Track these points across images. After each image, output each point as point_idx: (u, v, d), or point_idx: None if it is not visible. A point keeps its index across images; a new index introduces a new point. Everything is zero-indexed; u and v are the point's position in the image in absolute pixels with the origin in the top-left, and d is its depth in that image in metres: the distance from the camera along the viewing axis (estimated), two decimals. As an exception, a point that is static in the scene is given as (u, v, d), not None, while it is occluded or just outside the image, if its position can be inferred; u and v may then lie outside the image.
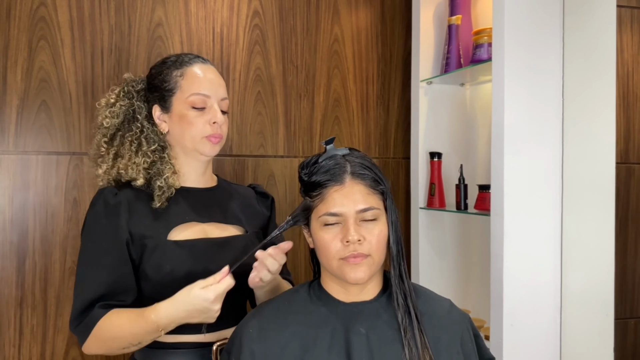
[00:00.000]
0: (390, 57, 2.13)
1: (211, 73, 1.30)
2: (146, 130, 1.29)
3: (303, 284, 1.13)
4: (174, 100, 1.27)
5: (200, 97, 1.26)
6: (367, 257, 1.01)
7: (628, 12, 2.16)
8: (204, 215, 1.29)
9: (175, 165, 1.30)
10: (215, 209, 1.33)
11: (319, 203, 1.03)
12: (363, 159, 1.06)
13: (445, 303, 1.11)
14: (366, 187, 1.03)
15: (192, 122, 1.26)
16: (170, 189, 1.26)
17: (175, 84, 1.27)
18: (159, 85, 1.29)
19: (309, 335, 1.02)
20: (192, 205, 1.29)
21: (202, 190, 1.33)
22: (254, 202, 1.43)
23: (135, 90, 1.33)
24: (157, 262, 1.21)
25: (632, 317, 2.19)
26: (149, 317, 1.14)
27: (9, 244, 1.74)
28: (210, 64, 1.32)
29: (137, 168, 1.26)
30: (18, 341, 1.74)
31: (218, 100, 1.28)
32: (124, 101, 1.31)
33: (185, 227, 1.26)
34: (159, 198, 1.24)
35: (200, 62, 1.31)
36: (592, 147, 1.62)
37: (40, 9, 1.76)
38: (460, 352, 1.05)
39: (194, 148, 1.27)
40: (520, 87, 1.58)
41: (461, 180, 1.88)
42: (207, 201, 1.32)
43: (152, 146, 1.28)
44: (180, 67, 1.28)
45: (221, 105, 1.29)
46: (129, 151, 1.27)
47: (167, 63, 1.30)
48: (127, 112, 1.30)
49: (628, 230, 2.17)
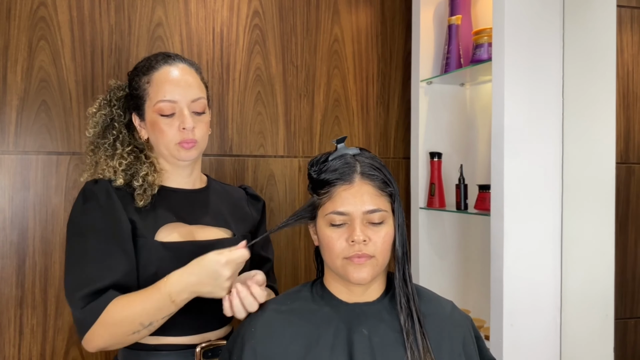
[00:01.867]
0: (390, 57, 2.13)
1: (178, 75, 1.24)
2: (122, 136, 1.29)
3: (305, 283, 1.13)
4: (145, 107, 1.25)
5: (166, 104, 1.22)
6: (371, 258, 1.01)
7: (628, 12, 2.16)
8: (190, 217, 1.28)
9: (158, 165, 1.29)
10: (202, 210, 1.31)
11: (326, 201, 1.03)
12: (373, 159, 1.06)
13: (447, 305, 1.11)
14: (375, 188, 1.02)
15: (162, 129, 1.23)
16: (152, 187, 1.25)
17: (144, 92, 1.25)
18: (132, 93, 1.28)
19: (311, 334, 1.02)
20: (178, 207, 1.28)
21: (189, 192, 1.31)
22: (243, 204, 1.40)
23: (116, 97, 1.32)
24: (143, 262, 1.20)
25: (632, 317, 2.19)
26: (161, 287, 1.11)
27: (9, 243, 1.74)
28: (180, 62, 1.26)
29: (113, 170, 1.25)
30: (18, 341, 1.74)
31: (188, 103, 1.23)
32: (105, 109, 1.30)
33: (172, 229, 1.25)
34: (140, 197, 1.23)
35: (165, 64, 1.25)
36: (592, 147, 1.62)
37: (40, 9, 1.76)
38: (462, 354, 1.05)
39: (170, 154, 1.26)
40: (520, 87, 1.58)
41: (461, 180, 1.88)
42: (194, 203, 1.31)
43: (126, 148, 1.27)
44: (147, 73, 1.25)
45: (193, 107, 1.23)
46: (104, 156, 1.27)
47: (137, 68, 1.28)
48: (105, 121, 1.30)
49: (628, 230, 2.17)
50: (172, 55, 1.28)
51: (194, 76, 1.27)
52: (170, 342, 1.22)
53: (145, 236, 1.21)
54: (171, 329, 1.20)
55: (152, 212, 1.24)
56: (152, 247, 1.21)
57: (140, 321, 1.11)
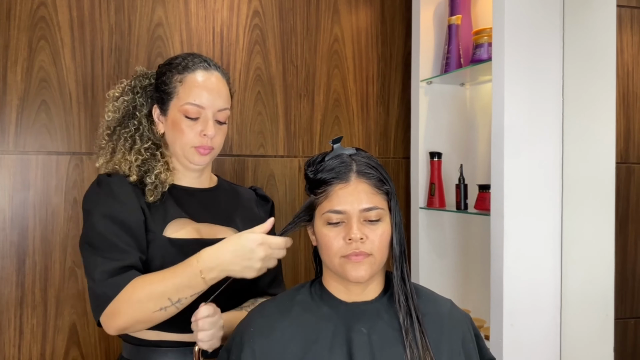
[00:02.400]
0: (390, 57, 2.13)
1: (212, 82, 1.26)
2: (142, 128, 1.29)
3: (304, 283, 1.13)
4: (171, 105, 1.26)
5: (194, 107, 1.23)
6: (369, 256, 1.01)
7: (628, 12, 2.16)
8: (199, 215, 1.29)
9: (171, 163, 1.30)
10: (211, 209, 1.32)
11: (323, 200, 1.03)
12: (369, 158, 1.07)
13: (446, 303, 1.11)
14: (371, 186, 1.03)
15: (183, 130, 1.24)
16: (163, 184, 1.25)
17: (174, 89, 1.25)
18: (160, 86, 1.28)
19: (310, 334, 1.02)
20: (187, 204, 1.29)
21: (199, 190, 1.32)
22: (252, 205, 1.41)
23: (141, 85, 1.32)
24: (150, 256, 1.20)
25: (632, 317, 2.19)
26: (192, 263, 1.10)
27: (9, 243, 1.74)
28: (215, 70, 1.28)
29: (129, 165, 1.26)
30: (18, 341, 1.74)
31: (214, 111, 1.25)
32: (128, 96, 1.30)
33: (181, 225, 1.25)
34: (151, 192, 1.24)
35: (202, 68, 1.26)
36: (592, 147, 1.62)
37: (40, 9, 1.76)
38: (462, 353, 1.05)
39: (184, 155, 1.27)
40: (520, 87, 1.58)
41: (461, 180, 1.88)
42: (204, 201, 1.32)
43: (145, 144, 1.28)
44: (181, 72, 1.26)
45: (217, 116, 1.25)
46: (123, 147, 1.28)
47: (172, 64, 1.29)
48: (127, 108, 1.30)
49: (628, 230, 2.17)
50: (210, 62, 1.29)
51: (225, 86, 1.28)
52: (171, 339, 1.22)
53: (154, 231, 1.22)
54: (172, 326, 1.20)
55: (162, 208, 1.25)
56: (160, 242, 1.21)
57: (168, 296, 1.09)
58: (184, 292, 1.10)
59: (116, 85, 1.32)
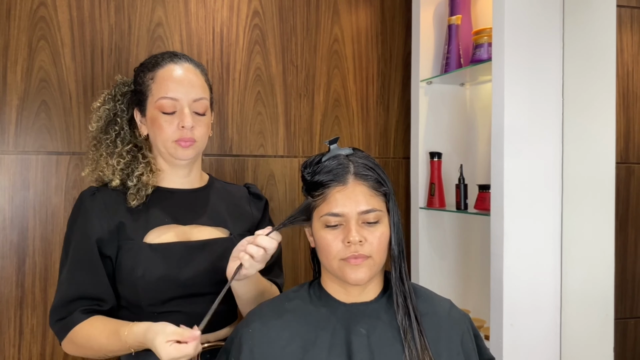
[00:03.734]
0: (390, 57, 2.13)
1: (182, 74, 1.24)
2: (123, 133, 1.30)
3: (303, 284, 1.13)
4: (147, 104, 1.26)
5: (168, 101, 1.22)
6: (367, 258, 1.01)
7: (628, 12, 2.16)
8: (186, 217, 1.28)
9: (156, 165, 1.30)
10: (199, 210, 1.30)
11: (321, 203, 1.03)
12: (367, 159, 1.06)
13: (445, 303, 1.11)
14: (369, 188, 1.03)
15: (162, 126, 1.23)
16: (146, 187, 1.25)
17: (147, 88, 1.25)
18: (136, 88, 1.29)
19: (309, 335, 1.02)
20: (173, 207, 1.28)
21: (186, 192, 1.31)
22: (243, 203, 1.40)
23: (121, 92, 1.33)
24: (130, 264, 1.21)
25: (632, 317, 2.19)
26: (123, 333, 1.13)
27: (9, 243, 1.74)
28: (185, 62, 1.27)
29: (112, 169, 1.26)
30: (18, 341, 1.74)
31: (189, 102, 1.23)
32: (109, 104, 1.32)
33: (164, 230, 1.25)
34: (133, 196, 1.24)
35: (171, 62, 1.25)
36: (592, 147, 1.62)
37: (40, 9, 1.76)
38: (461, 352, 1.05)
39: (167, 152, 1.26)
40: (520, 87, 1.58)
41: (461, 180, 1.88)
42: (191, 203, 1.30)
43: (126, 146, 1.28)
44: (152, 70, 1.26)
45: (194, 107, 1.24)
46: (105, 153, 1.29)
47: (143, 65, 1.30)
48: (108, 116, 1.31)
49: (628, 230, 2.17)
50: (179, 55, 1.28)
51: (198, 76, 1.27)
52: None
53: (133, 238, 1.22)
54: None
55: (145, 214, 1.25)
56: (139, 249, 1.21)
57: (103, 352, 1.17)
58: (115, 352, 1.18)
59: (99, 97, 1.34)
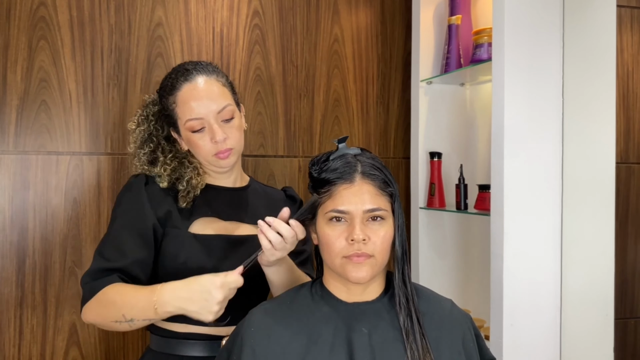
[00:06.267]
0: (390, 57, 2.13)
1: (199, 90, 1.26)
2: (162, 146, 1.33)
3: (305, 282, 1.13)
4: (179, 126, 1.30)
5: (194, 122, 1.26)
6: (370, 257, 1.01)
7: (628, 12, 2.16)
8: (227, 213, 1.33)
9: (202, 168, 1.35)
10: (239, 208, 1.35)
11: (326, 200, 1.03)
12: (374, 159, 1.07)
13: (446, 303, 1.11)
14: (375, 187, 1.03)
15: (197, 144, 1.28)
16: (195, 189, 1.30)
17: (173, 112, 1.29)
18: (164, 112, 1.33)
19: (311, 334, 1.02)
20: (217, 203, 1.33)
21: (229, 190, 1.37)
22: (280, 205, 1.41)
23: (152, 112, 1.36)
24: (174, 251, 1.25)
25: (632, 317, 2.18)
26: (153, 291, 1.14)
27: (9, 244, 1.74)
28: (198, 75, 1.28)
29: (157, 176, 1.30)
30: (18, 341, 1.74)
31: (214, 115, 1.26)
32: (143, 125, 1.35)
33: (207, 222, 1.29)
34: (184, 199, 1.28)
35: (186, 82, 1.27)
36: (592, 147, 1.62)
37: (40, 9, 1.76)
38: (462, 352, 1.05)
39: (210, 164, 1.31)
40: (520, 87, 1.58)
41: (461, 180, 1.88)
42: (233, 200, 1.36)
43: (168, 155, 1.32)
44: (172, 94, 1.28)
45: (220, 117, 1.27)
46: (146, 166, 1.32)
47: (162, 88, 1.32)
48: (143, 137, 1.34)
49: (628, 230, 2.17)
50: (190, 69, 1.29)
51: (214, 85, 1.28)
52: (199, 331, 1.25)
53: (179, 227, 1.27)
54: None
55: (191, 206, 1.29)
56: (184, 238, 1.26)
57: (123, 312, 1.15)
58: (138, 315, 1.15)
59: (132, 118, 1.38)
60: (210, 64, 1.33)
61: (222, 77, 1.32)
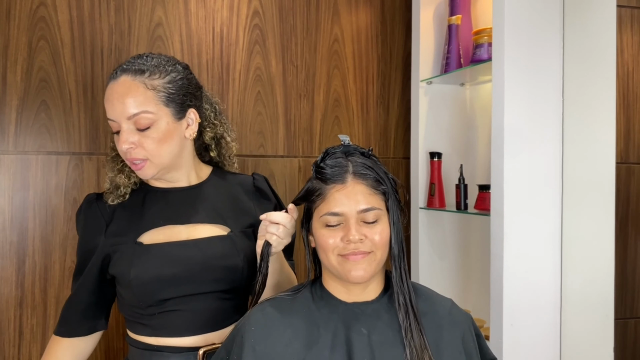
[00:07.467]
0: (390, 57, 2.13)
1: (115, 91, 1.15)
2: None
3: (305, 282, 1.13)
4: None
5: (111, 122, 1.17)
6: (368, 254, 1.01)
7: (628, 12, 2.16)
8: (182, 217, 1.25)
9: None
10: (195, 208, 1.26)
11: (320, 203, 1.03)
12: (365, 158, 1.07)
13: (446, 303, 1.11)
14: (368, 187, 1.03)
15: (117, 146, 1.19)
16: (119, 188, 1.25)
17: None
18: None
19: (311, 334, 1.02)
20: (169, 208, 1.25)
21: (181, 190, 1.27)
22: (243, 197, 1.34)
23: None
24: (122, 268, 1.20)
25: (632, 317, 2.18)
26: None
27: (9, 244, 1.74)
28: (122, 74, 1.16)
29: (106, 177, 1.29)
30: (18, 341, 1.74)
31: (124, 120, 1.14)
32: None
33: (159, 231, 1.23)
34: (108, 195, 1.26)
35: (111, 80, 1.17)
36: (592, 147, 1.62)
37: (40, 9, 1.76)
38: (462, 352, 1.05)
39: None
40: (520, 87, 1.58)
41: (461, 180, 1.88)
42: (187, 201, 1.27)
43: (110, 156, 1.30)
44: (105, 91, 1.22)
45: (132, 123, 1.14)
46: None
47: None
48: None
49: (628, 230, 2.17)
50: (123, 65, 1.18)
51: (135, 87, 1.14)
52: (171, 344, 1.21)
53: (125, 241, 1.22)
54: (169, 330, 1.20)
55: (141, 214, 1.24)
56: (132, 251, 1.20)
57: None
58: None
59: None
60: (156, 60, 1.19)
61: (161, 78, 1.16)
